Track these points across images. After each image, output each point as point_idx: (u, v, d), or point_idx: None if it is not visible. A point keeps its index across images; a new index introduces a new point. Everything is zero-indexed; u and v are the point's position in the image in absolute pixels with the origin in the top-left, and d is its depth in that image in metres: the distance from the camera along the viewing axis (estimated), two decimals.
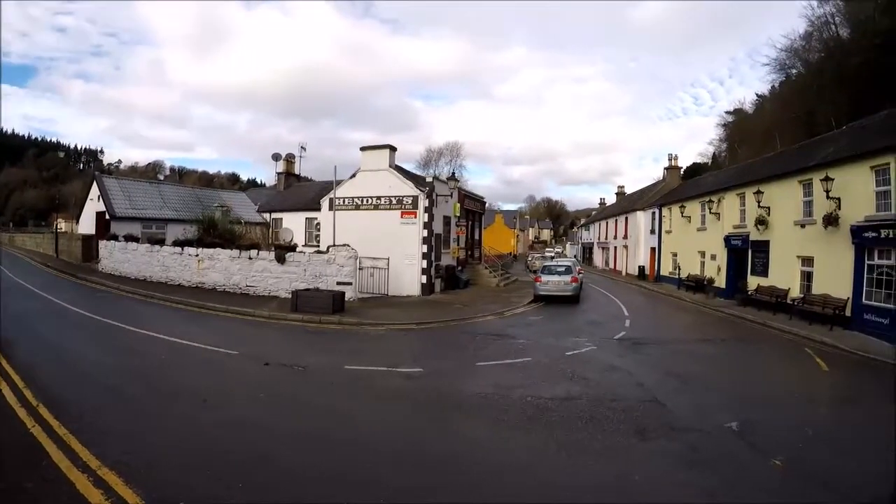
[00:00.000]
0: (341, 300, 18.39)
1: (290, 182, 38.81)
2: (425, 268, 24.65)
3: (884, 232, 16.33)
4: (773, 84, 46.09)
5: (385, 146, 26.06)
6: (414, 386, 10.22)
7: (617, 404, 9.14)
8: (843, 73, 31.40)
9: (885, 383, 11.99)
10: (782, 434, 8.07)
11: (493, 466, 6.62)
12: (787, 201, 22.03)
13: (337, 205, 24.25)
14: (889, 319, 15.89)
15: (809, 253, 20.47)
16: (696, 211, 32.29)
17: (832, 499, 6.10)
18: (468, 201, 33.80)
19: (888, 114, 20.26)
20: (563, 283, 24.58)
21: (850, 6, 33.84)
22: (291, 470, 6.24)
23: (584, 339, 15.44)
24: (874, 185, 17.06)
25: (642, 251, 42.60)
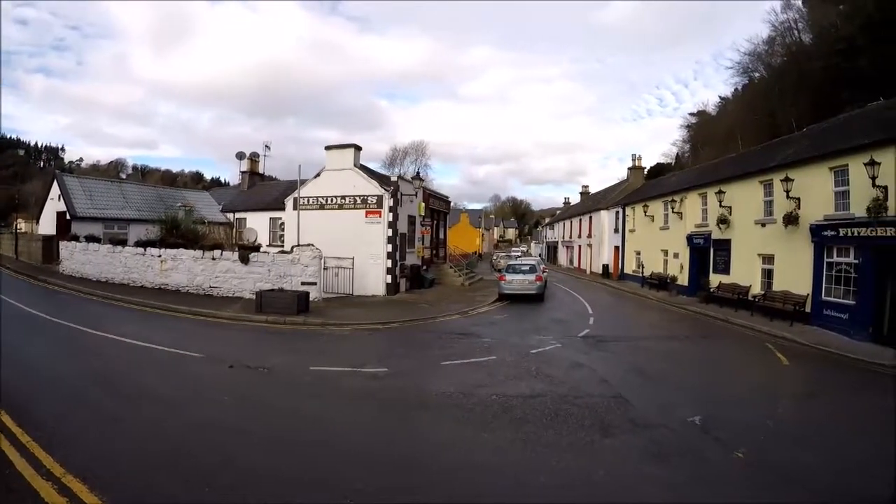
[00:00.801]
0: (306, 300, 18.23)
1: (255, 181, 38.21)
2: (390, 267, 24.50)
3: (842, 231, 16.76)
4: (736, 87, 47.39)
5: (350, 145, 25.90)
6: (379, 386, 10.16)
7: (581, 401, 9.18)
8: (804, 77, 32.29)
9: (845, 376, 12.44)
10: (744, 428, 8.17)
11: (459, 465, 6.60)
12: (749, 201, 22.46)
13: (301, 204, 23.98)
14: (848, 315, 16.36)
15: (770, 251, 20.91)
16: (659, 210, 32.77)
17: (796, 489, 6.17)
18: (433, 200, 33.70)
19: (847, 117, 20.83)
20: (528, 282, 24.65)
21: (814, 12, 34.88)
22: (257, 472, 6.15)
23: (549, 336, 15.48)
24: (833, 185, 17.48)
25: (606, 250, 43.04)
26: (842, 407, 10.05)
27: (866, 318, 15.67)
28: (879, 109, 18.77)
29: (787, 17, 38.20)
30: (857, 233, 16.11)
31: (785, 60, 36.96)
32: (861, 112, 20.28)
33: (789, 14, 38.12)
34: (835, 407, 10.05)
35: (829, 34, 31.89)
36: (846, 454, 7.34)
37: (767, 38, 39.94)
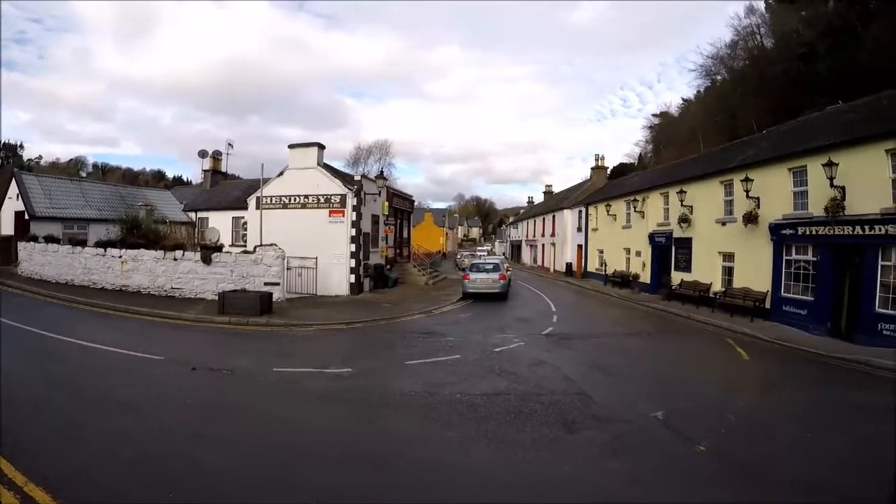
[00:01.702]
0: (269, 301, 18.00)
1: (217, 180, 37.48)
2: (354, 267, 24.24)
3: (801, 229, 17.19)
4: (698, 89, 48.35)
5: (313, 144, 25.57)
6: (343, 386, 10.07)
7: (545, 398, 9.22)
8: (765, 80, 33.11)
9: (804, 370, 12.73)
10: (706, 421, 8.29)
11: (424, 464, 6.58)
12: (710, 200, 22.84)
13: (264, 203, 23.70)
14: (807, 310, 16.78)
15: (730, 249, 21.32)
16: (622, 209, 33.11)
17: (757, 481, 6.27)
18: (397, 200, 33.59)
19: (807, 119, 21.35)
20: (492, 281, 24.65)
21: (776, 18, 35.84)
22: (223, 476, 6.06)
23: (513, 335, 15.54)
24: (792, 185, 17.90)
25: (569, 248, 43.37)
26: (801, 400, 10.31)
27: (824, 313, 16.10)
28: (838, 112, 19.29)
29: (750, 21, 39.39)
30: (816, 231, 16.51)
31: (747, 64, 37.99)
32: (820, 115, 20.81)
33: (752, 19, 39.32)
34: (795, 400, 10.30)
35: (791, 39, 32.86)
36: (806, 445, 7.51)
37: (730, 42, 41.11)
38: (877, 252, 14.45)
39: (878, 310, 14.27)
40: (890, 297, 14.07)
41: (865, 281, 14.71)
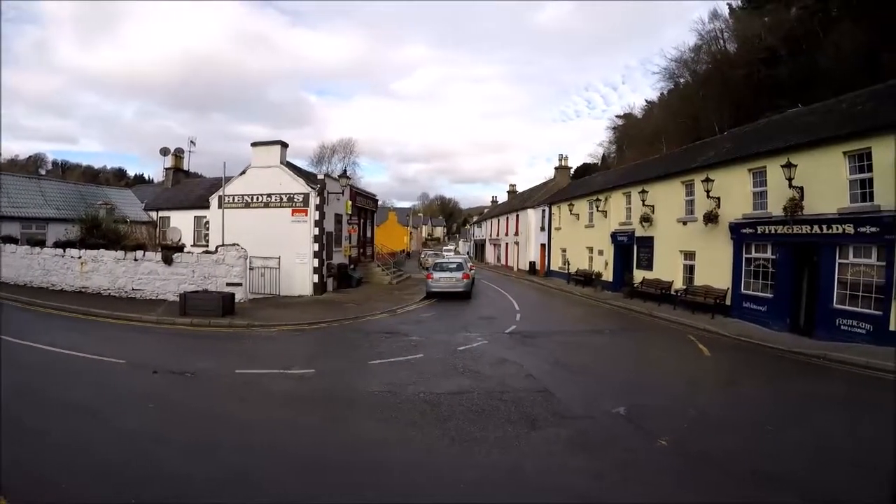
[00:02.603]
0: (231, 302, 17.70)
1: (179, 178, 36.54)
2: (317, 267, 24.09)
3: (760, 228, 17.54)
4: (662, 91, 49.25)
5: (276, 142, 25.33)
6: (306, 387, 10.03)
7: (508, 396, 9.23)
8: (728, 84, 33.91)
9: (764, 365, 12.95)
10: (668, 416, 8.39)
11: (388, 464, 6.54)
12: (671, 200, 23.15)
13: (226, 202, 23.39)
14: (766, 307, 17.15)
15: (691, 248, 21.66)
16: (585, 209, 33.35)
17: (719, 473, 6.41)
18: (360, 199, 33.32)
19: (767, 122, 21.78)
20: (455, 280, 24.64)
21: (739, 23, 36.77)
22: (185, 480, 5.97)
23: (476, 333, 15.53)
24: (752, 185, 18.25)
25: (533, 247, 43.57)
26: (761, 393, 10.49)
27: (784, 309, 16.47)
28: (798, 115, 19.68)
29: (714, 26, 40.48)
30: (775, 230, 16.86)
31: (710, 67, 38.86)
32: (780, 117, 21.24)
33: (716, 24, 40.40)
34: (755, 394, 10.47)
35: (753, 44, 33.81)
36: (767, 438, 7.64)
37: (694, 45, 42.03)
38: (834, 250, 14.78)
39: (836, 306, 14.63)
40: (847, 294, 14.41)
41: (823, 278, 15.05)
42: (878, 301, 13.54)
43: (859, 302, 14.11)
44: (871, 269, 13.92)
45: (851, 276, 14.38)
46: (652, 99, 52.45)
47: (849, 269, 14.47)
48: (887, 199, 13.16)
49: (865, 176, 14.08)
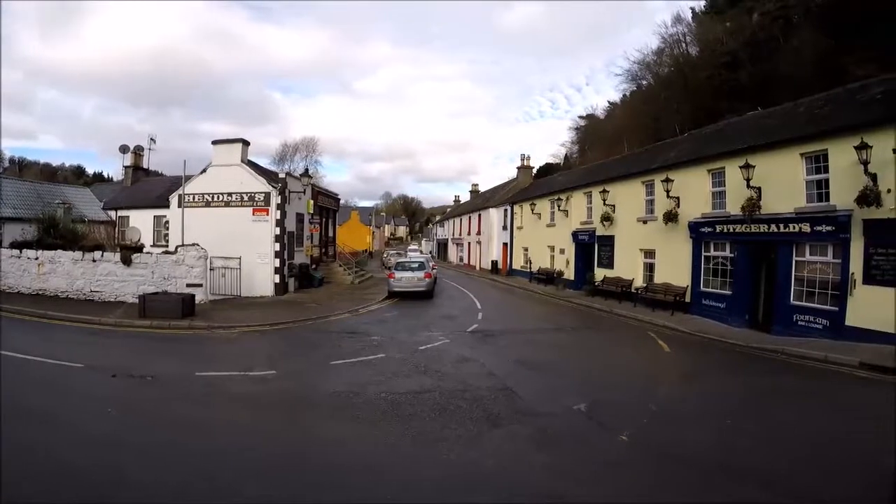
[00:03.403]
0: (191, 303, 17.39)
1: (139, 177, 35.42)
2: (278, 267, 23.78)
3: (719, 227, 17.86)
4: (624, 93, 49.90)
5: (238, 140, 24.89)
6: (268, 389, 9.88)
7: (470, 394, 9.22)
8: (689, 86, 34.61)
9: (723, 360, 13.20)
10: (628, 412, 8.47)
11: (349, 464, 6.46)
12: (632, 200, 23.41)
13: (187, 201, 22.86)
14: (725, 304, 17.45)
15: (651, 246, 21.94)
16: (546, 208, 33.58)
17: (678, 467, 6.45)
18: (322, 198, 32.94)
19: (727, 124, 22.20)
20: (417, 279, 24.54)
21: (702, 27, 37.63)
22: (148, 487, 5.78)
23: (438, 332, 15.49)
24: (711, 186, 18.55)
25: (495, 246, 43.64)
26: (721, 388, 10.68)
27: (742, 306, 16.79)
28: (757, 117, 20.05)
29: (677, 30, 41.23)
30: (733, 229, 17.16)
31: (672, 70, 39.60)
32: (740, 119, 21.66)
33: (679, 28, 41.18)
34: (714, 388, 10.67)
35: (715, 48, 34.64)
36: (726, 431, 7.77)
37: (657, 48, 42.69)
38: (791, 248, 15.12)
39: (794, 302, 14.95)
40: (804, 291, 14.75)
41: (781, 275, 15.38)
42: (835, 297, 13.89)
43: (816, 298, 14.45)
44: (827, 267, 14.27)
45: (808, 274, 14.73)
46: (615, 100, 53.21)
47: (805, 266, 14.82)
48: (843, 200, 13.48)
49: (822, 177, 14.42)
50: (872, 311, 12.75)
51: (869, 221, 12.96)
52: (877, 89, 14.72)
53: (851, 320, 13.31)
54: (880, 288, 12.69)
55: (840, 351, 12.20)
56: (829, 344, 12.98)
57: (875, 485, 5.82)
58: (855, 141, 12.74)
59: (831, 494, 5.74)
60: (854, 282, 13.27)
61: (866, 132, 12.82)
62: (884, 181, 12.51)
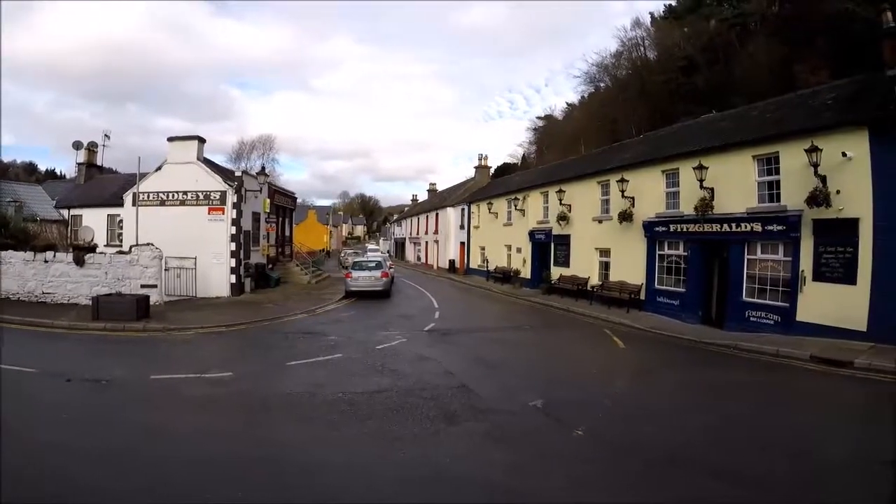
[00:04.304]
0: (146, 305, 16.87)
1: (92, 174, 34.08)
2: (234, 267, 23.23)
3: (672, 227, 18.21)
4: (583, 95, 50.75)
5: (194, 137, 24.34)
6: (224, 391, 9.70)
7: (427, 393, 9.23)
8: (646, 89, 35.41)
9: (677, 355, 13.47)
10: (584, 407, 8.61)
11: (306, 465, 6.42)
12: (587, 199, 23.66)
13: (141, 200, 22.16)
14: (679, 301, 17.79)
15: (607, 245, 22.19)
16: (503, 208, 33.72)
17: (632, 459, 6.58)
18: (279, 197, 32.57)
19: (682, 126, 22.71)
20: (374, 279, 24.39)
21: (660, 32, 38.51)
22: (104, 494, 5.63)
23: (395, 332, 15.47)
24: (665, 186, 18.90)
25: (452, 246, 43.72)
26: (674, 383, 10.87)
27: (696, 303, 17.12)
28: (711, 120, 20.59)
29: (636, 34, 42.29)
30: (686, 229, 17.51)
31: (630, 73, 40.55)
32: (695, 122, 22.21)
33: (638, 32, 42.26)
34: (668, 383, 10.85)
35: (672, 52, 35.66)
36: (679, 424, 7.96)
37: (616, 52, 43.71)
38: (743, 247, 15.48)
39: (746, 299, 15.32)
40: (756, 288, 15.14)
41: (733, 273, 15.73)
42: (786, 294, 14.31)
43: (768, 295, 14.85)
44: (778, 265, 14.66)
45: (760, 271, 15.12)
46: (573, 102, 53.95)
47: (757, 264, 15.20)
48: (794, 200, 13.87)
49: (773, 178, 14.84)
50: (822, 306, 13.22)
51: (818, 221, 13.36)
52: (828, 95, 15.24)
53: (802, 316, 13.72)
54: (829, 284, 13.17)
55: (791, 345, 12.53)
56: (781, 339, 13.32)
57: (822, 472, 6.15)
58: (806, 144, 13.09)
59: (779, 481, 5.92)
60: (804, 279, 13.68)
61: (817, 136, 13.22)
62: (833, 183, 12.90)
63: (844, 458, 6.46)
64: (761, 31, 28.91)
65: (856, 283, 12.64)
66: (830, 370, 10.95)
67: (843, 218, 12.87)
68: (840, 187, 12.86)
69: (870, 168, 12.50)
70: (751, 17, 30.89)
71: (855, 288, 12.63)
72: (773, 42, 26.78)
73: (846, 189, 12.81)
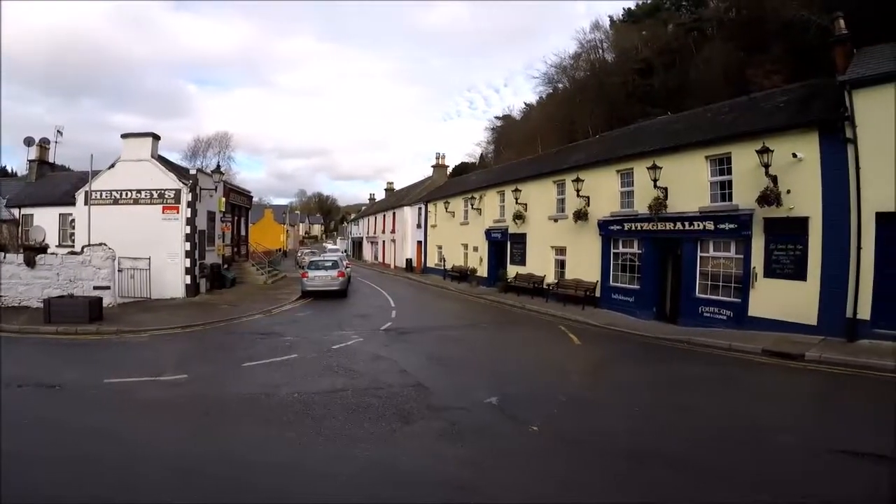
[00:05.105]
0: (99, 307, 16.43)
1: (44, 171, 32.61)
2: (189, 267, 22.55)
3: (627, 225, 18.46)
4: (541, 95, 51.23)
5: (148, 134, 23.50)
6: (179, 394, 9.47)
7: (382, 392, 9.20)
8: (604, 90, 35.96)
9: (631, 350, 13.66)
10: (539, 403, 8.64)
11: (262, 467, 6.29)
12: (543, 199, 23.84)
13: (94, 198, 21.50)
14: (634, 297, 18.03)
15: (562, 244, 22.36)
16: (461, 207, 33.78)
17: (586, 451, 6.72)
18: (234, 195, 31.86)
19: (637, 127, 23.06)
20: (330, 278, 24.11)
21: (618, 35, 39.16)
22: (56, 500, 5.53)
23: (351, 331, 15.32)
24: (620, 185, 19.14)
25: (409, 245, 43.57)
26: (629, 377, 11.05)
27: (650, 299, 17.39)
28: (666, 122, 20.95)
29: (595, 36, 42.97)
30: (640, 227, 17.76)
31: (588, 75, 41.06)
32: (650, 123, 22.57)
33: (597, 34, 42.97)
34: (622, 378, 11.02)
35: (630, 55, 36.32)
36: (633, 417, 8.10)
37: (574, 53, 44.23)
38: (696, 245, 15.80)
39: (699, 295, 15.65)
40: (709, 284, 15.47)
41: (686, 270, 16.03)
42: (738, 290, 14.63)
43: (720, 291, 15.18)
44: (730, 262, 15.00)
45: (712, 268, 15.45)
46: (531, 102, 54.36)
47: (710, 261, 15.54)
48: (745, 200, 14.20)
49: (725, 178, 15.20)
50: (773, 302, 13.59)
51: (769, 219, 13.71)
52: (780, 98, 15.67)
53: (754, 311, 14.08)
54: (780, 280, 13.57)
55: (743, 339, 12.80)
56: (734, 333, 13.66)
57: (769, 461, 6.24)
58: (757, 145, 13.43)
59: (732, 469, 6.05)
60: (756, 275, 14.02)
61: (769, 137, 13.59)
62: (784, 183, 13.27)
63: (796, 447, 6.65)
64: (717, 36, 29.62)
65: (806, 279, 13.05)
66: (782, 363, 11.25)
67: (793, 216, 13.25)
68: (791, 187, 13.22)
69: (819, 169, 12.90)
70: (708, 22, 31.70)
71: (805, 284, 13.03)
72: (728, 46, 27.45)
73: (797, 189, 13.18)
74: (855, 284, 12.10)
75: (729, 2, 31.23)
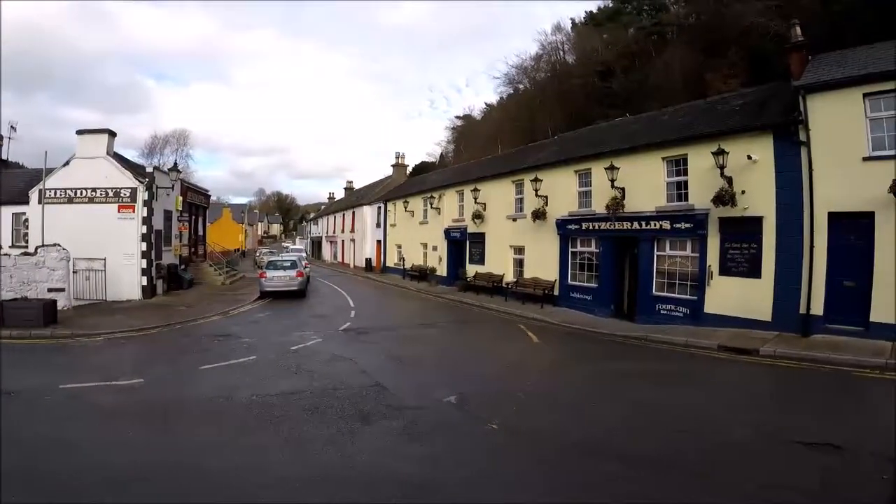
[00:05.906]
0: (53, 310, 15.87)
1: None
2: (146, 268, 21.86)
3: (584, 225, 18.60)
4: (502, 95, 51.08)
5: (104, 130, 22.69)
6: (135, 398, 9.21)
7: (341, 392, 9.15)
8: (564, 92, 36.13)
9: (589, 348, 13.81)
10: (498, 401, 8.72)
11: (221, 471, 6.22)
12: (502, 198, 23.93)
13: (48, 197, 20.82)
14: (592, 296, 18.18)
15: (521, 243, 22.47)
16: (420, 206, 33.67)
17: (544, 447, 6.79)
18: (191, 194, 31.11)
19: (596, 128, 23.44)
20: (289, 278, 23.81)
21: (580, 37, 39.60)
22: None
23: (310, 332, 15.22)
24: (578, 186, 19.30)
25: (369, 244, 43.27)
26: (585, 374, 11.14)
27: (608, 298, 17.56)
28: (624, 123, 21.28)
29: (556, 38, 43.22)
30: (598, 227, 17.94)
31: (548, 76, 41.25)
32: (609, 124, 22.88)
33: (558, 36, 43.23)
34: (579, 375, 11.12)
35: (590, 57, 36.59)
36: (589, 413, 8.26)
37: (536, 54, 44.42)
38: (652, 244, 16.01)
39: (656, 293, 15.88)
40: (666, 282, 15.72)
41: (643, 268, 16.24)
42: (694, 287, 14.90)
43: (677, 289, 15.43)
44: (686, 260, 15.26)
45: (669, 267, 15.69)
46: (492, 102, 54.32)
47: (666, 260, 15.79)
48: (701, 200, 14.44)
49: (681, 179, 15.46)
50: (728, 299, 13.88)
51: (724, 219, 13.98)
52: (736, 102, 16.03)
53: (710, 308, 14.33)
54: (735, 278, 13.89)
55: (700, 336, 13.06)
56: (690, 330, 13.88)
57: (723, 453, 6.43)
58: (713, 147, 13.65)
59: (688, 462, 6.18)
60: (711, 273, 14.30)
61: (724, 139, 13.84)
62: (739, 184, 13.53)
63: (751, 439, 6.77)
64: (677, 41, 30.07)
65: (760, 277, 13.36)
66: (738, 358, 11.47)
67: (748, 216, 13.54)
68: (745, 188, 13.49)
69: (773, 170, 13.22)
70: (668, 26, 32.16)
71: (760, 281, 13.34)
72: (688, 51, 27.89)
73: (751, 189, 13.47)
74: (808, 281, 12.44)
75: (689, 7, 31.80)
